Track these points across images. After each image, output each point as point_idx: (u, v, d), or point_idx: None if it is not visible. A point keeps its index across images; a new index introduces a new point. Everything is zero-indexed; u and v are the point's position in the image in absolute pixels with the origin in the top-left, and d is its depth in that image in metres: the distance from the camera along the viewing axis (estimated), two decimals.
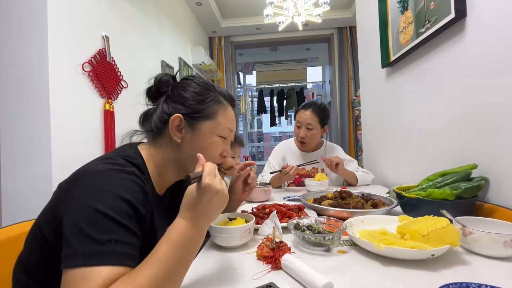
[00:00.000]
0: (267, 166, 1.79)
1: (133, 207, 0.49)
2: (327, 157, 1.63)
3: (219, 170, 0.67)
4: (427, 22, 1.15)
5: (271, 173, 1.65)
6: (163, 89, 0.66)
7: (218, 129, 0.66)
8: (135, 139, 0.70)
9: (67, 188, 0.52)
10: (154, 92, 0.67)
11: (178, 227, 0.48)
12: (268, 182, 1.64)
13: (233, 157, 1.46)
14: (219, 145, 0.66)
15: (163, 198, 0.69)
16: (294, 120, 1.76)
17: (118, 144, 0.69)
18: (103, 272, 0.42)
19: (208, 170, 0.52)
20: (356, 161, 1.77)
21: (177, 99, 0.65)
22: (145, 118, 0.69)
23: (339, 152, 1.79)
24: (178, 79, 0.71)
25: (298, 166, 1.54)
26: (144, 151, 0.64)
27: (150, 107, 0.70)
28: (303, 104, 1.72)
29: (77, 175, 0.52)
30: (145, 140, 0.70)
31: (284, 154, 1.80)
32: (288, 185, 1.78)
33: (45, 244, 0.52)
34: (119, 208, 0.47)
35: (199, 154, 0.57)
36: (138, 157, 0.61)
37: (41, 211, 0.57)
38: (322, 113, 1.67)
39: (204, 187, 0.49)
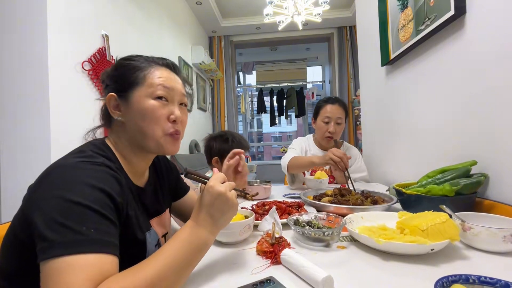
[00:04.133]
0: (290, 151, 1.70)
1: (111, 197, 0.49)
2: None
3: (244, 196, 0.67)
4: (426, 19, 1.15)
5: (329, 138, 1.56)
6: (105, 82, 0.65)
7: (150, 90, 0.60)
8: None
9: (37, 187, 0.49)
10: (104, 89, 0.66)
11: (187, 227, 0.51)
12: (288, 165, 1.58)
13: None
14: (158, 108, 0.60)
15: (143, 189, 0.68)
16: (314, 117, 1.70)
17: None
18: (90, 260, 0.40)
19: (215, 176, 0.55)
20: (365, 174, 1.69)
21: (107, 81, 0.64)
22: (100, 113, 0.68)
23: (355, 156, 1.73)
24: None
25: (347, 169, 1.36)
26: (108, 142, 0.64)
27: None
28: (327, 98, 1.67)
29: (47, 172, 0.50)
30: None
31: (306, 147, 1.73)
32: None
33: (22, 248, 0.49)
34: (96, 198, 0.46)
35: (215, 168, 0.61)
36: (106, 148, 0.60)
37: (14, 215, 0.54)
38: (346, 107, 1.67)
39: (207, 188, 0.53)
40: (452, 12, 0.99)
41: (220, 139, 1.38)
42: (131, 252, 0.47)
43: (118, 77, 0.63)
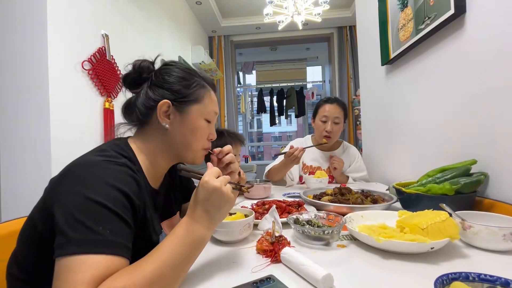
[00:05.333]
0: (276, 160, 1.70)
1: (128, 198, 0.49)
2: (342, 157, 1.67)
3: (239, 189, 0.66)
4: (426, 18, 1.15)
5: (275, 155, 1.58)
6: (145, 76, 0.64)
7: (205, 112, 0.67)
8: (122, 131, 0.69)
9: (59, 181, 0.51)
10: (135, 79, 0.65)
11: (183, 224, 0.51)
12: (267, 176, 1.62)
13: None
14: (206, 128, 0.67)
15: (158, 192, 0.69)
16: (313, 117, 1.71)
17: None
18: (100, 260, 0.41)
19: (209, 171, 0.54)
20: (365, 173, 1.70)
21: (163, 84, 0.63)
22: (128, 108, 0.67)
23: (355, 155, 1.73)
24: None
25: (305, 148, 1.47)
26: (133, 143, 0.64)
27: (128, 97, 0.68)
28: (326, 98, 1.68)
29: (70, 168, 0.52)
30: (128, 133, 0.69)
31: None
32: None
33: (39, 241, 0.51)
34: (114, 198, 0.47)
35: (209, 163, 0.60)
36: (128, 149, 0.61)
37: (33, 207, 0.56)
38: (345, 107, 1.67)
39: (202, 184, 0.52)
40: (452, 11, 0.99)
41: None
42: (144, 254, 0.47)
43: (178, 87, 0.63)
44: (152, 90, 0.63)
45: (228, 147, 0.71)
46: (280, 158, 1.68)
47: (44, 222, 0.50)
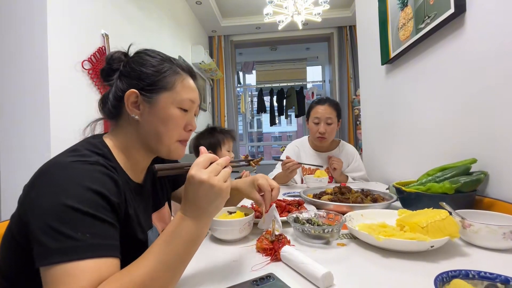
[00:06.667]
0: (279, 165, 1.71)
1: (104, 197, 0.47)
2: (340, 157, 1.66)
3: (248, 165, 0.62)
4: (426, 17, 1.15)
5: (274, 158, 1.64)
6: (115, 67, 0.62)
7: (178, 99, 0.61)
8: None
9: (31, 186, 0.48)
10: (108, 71, 0.63)
11: (175, 221, 0.48)
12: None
13: (228, 151, 1.47)
14: (180, 118, 0.62)
15: (142, 186, 0.67)
16: (307, 119, 1.71)
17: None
18: (88, 265, 0.40)
19: (196, 161, 0.50)
20: (364, 173, 1.71)
21: (131, 74, 0.61)
22: (103, 102, 0.64)
23: (353, 154, 1.73)
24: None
25: (300, 163, 1.52)
26: (108, 139, 0.62)
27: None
28: (317, 100, 1.69)
29: (41, 171, 0.49)
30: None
31: (299, 152, 1.74)
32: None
33: (20, 249, 0.49)
34: (88, 200, 0.45)
35: (202, 148, 0.55)
36: (103, 146, 0.58)
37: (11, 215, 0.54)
38: (338, 107, 1.66)
39: (188, 178, 0.48)
40: (452, 10, 0.99)
41: (206, 134, 1.43)
42: (134, 254, 0.46)
43: (145, 75, 0.60)
44: (122, 80, 0.61)
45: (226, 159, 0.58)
46: (279, 167, 1.67)
47: (20, 231, 0.48)
